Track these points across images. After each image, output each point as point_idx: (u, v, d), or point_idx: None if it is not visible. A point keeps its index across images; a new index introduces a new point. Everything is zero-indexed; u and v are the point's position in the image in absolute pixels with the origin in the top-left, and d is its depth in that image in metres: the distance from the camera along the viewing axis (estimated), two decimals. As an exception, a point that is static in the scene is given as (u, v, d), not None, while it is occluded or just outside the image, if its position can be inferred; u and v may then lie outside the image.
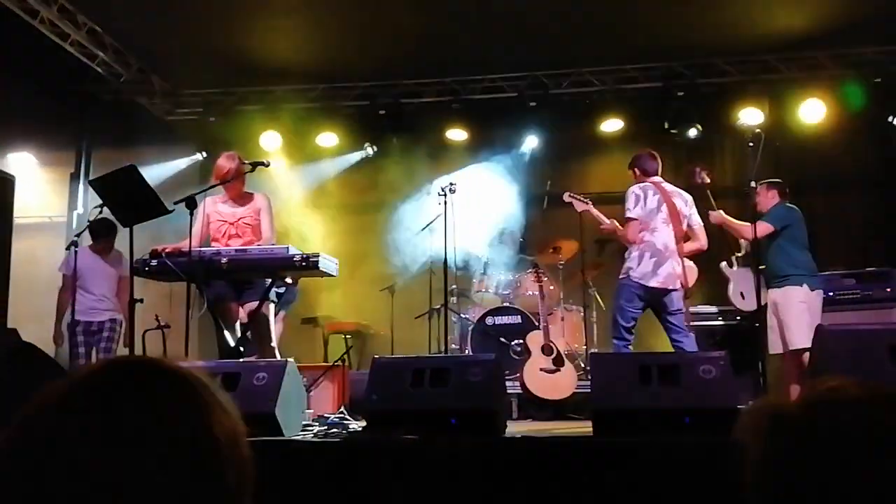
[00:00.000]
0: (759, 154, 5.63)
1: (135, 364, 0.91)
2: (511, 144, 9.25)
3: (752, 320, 6.25)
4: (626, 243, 5.95)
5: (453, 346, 7.44)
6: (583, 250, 7.36)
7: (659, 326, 5.93)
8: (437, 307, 7.38)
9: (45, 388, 0.86)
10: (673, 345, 5.74)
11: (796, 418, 0.97)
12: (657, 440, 3.67)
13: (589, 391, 4.78)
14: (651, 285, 5.69)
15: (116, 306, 7.03)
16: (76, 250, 6.78)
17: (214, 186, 5.80)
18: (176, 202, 5.21)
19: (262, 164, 5.80)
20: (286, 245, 5.41)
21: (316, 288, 8.45)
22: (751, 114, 8.37)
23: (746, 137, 5.76)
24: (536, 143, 9.20)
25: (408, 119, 9.23)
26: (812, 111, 8.71)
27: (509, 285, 7.86)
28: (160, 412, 0.84)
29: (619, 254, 6.35)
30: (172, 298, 7.53)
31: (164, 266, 5.34)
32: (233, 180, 5.74)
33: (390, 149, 9.35)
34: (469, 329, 7.51)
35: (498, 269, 8.13)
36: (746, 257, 6.52)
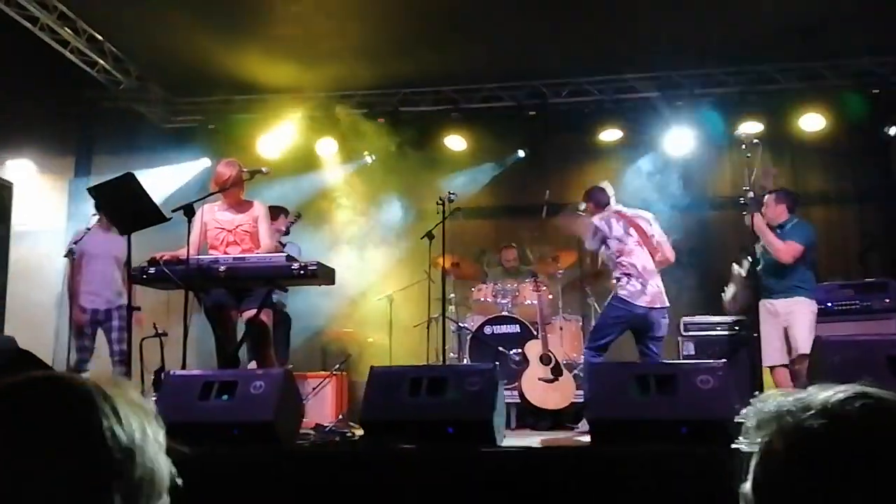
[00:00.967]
0: (758, 163, 5.65)
1: (27, 381, 0.95)
2: (509, 153, 9.27)
3: (750, 330, 6.24)
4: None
5: (451, 355, 7.43)
6: (581, 260, 7.36)
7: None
8: (436, 316, 7.37)
9: None
10: None
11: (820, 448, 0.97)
12: (654, 450, 3.67)
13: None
14: (640, 304, 5.73)
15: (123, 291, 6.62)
16: (85, 233, 6.68)
17: (214, 194, 5.82)
18: (174, 210, 5.21)
19: (261, 172, 5.82)
20: (284, 253, 5.41)
21: (314, 295, 8.43)
22: (749, 124, 8.38)
23: (744, 147, 5.77)
24: (535, 153, 9.22)
25: (406, 127, 9.24)
26: (810, 122, 8.74)
27: (508, 294, 7.86)
28: (50, 426, 0.89)
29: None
30: (170, 306, 7.52)
31: (162, 274, 5.34)
32: (232, 187, 5.74)
33: (389, 157, 9.37)
34: (467, 338, 7.50)
35: (497, 278, 8.15)
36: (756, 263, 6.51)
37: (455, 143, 9.28)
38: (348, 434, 5.18)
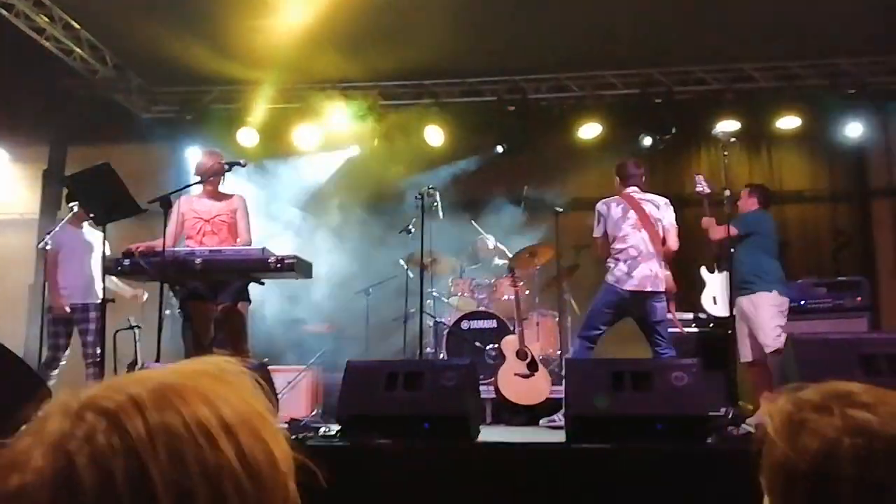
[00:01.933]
0: (730, 161, 5.70)
1: None
2: (488, 148, 9.28)
3: (725, 328, 6.29)
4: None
5: (428, 350, 7.42)
6: (559, 255, 7.37)
7: (641, 335, 5.91)
8: (413, 310, 7.36)
9: None
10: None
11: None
12: (630, 446, 3.69)
13: (563, 396, 4.79)
14: (627, 288, 5.72)
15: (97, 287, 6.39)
16: (58, 227, 6.58)
17: (194, 184, 5.80)
18: (150, 201, 5.16)
19: (239, 164, 5.78)
20: (261, 246, 5.37)
21: (291, 289, 8.39)
22: (726, 123, 8.45)
23: (722, 146, 5.82)
24: (514, 148, 9.23)
25: (386, 121, 9.21)
26: (786, 121, 8.82)
27: (485, 289, 7.86)
28: None
29: (595, 260, 6.38)
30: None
31: (137, 266, 5.29)
32: (211, 177, 5.73)
33: (369, 150, 9.34)
34: (444, 333, 7.50)
35: (474, 273, 8.15)
36: (724, 263, 6.57)
37: (434, 137, 9.26)
38: (323, 429, 5.16)
